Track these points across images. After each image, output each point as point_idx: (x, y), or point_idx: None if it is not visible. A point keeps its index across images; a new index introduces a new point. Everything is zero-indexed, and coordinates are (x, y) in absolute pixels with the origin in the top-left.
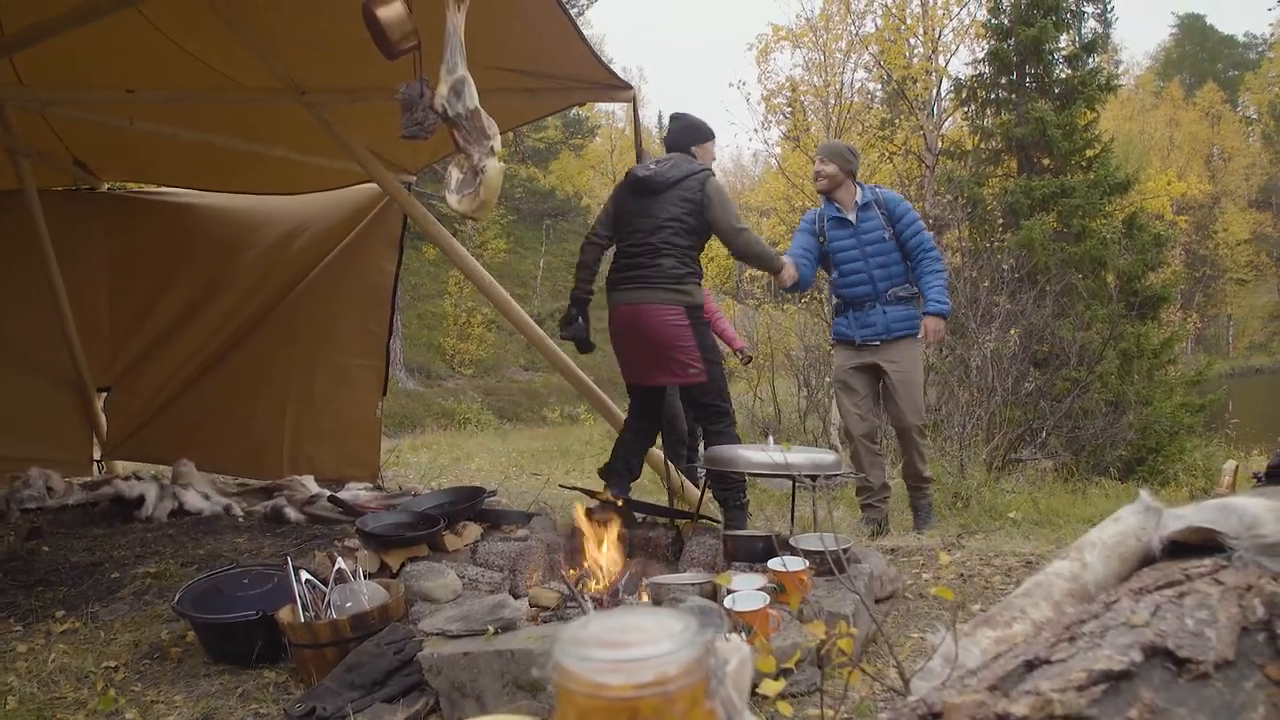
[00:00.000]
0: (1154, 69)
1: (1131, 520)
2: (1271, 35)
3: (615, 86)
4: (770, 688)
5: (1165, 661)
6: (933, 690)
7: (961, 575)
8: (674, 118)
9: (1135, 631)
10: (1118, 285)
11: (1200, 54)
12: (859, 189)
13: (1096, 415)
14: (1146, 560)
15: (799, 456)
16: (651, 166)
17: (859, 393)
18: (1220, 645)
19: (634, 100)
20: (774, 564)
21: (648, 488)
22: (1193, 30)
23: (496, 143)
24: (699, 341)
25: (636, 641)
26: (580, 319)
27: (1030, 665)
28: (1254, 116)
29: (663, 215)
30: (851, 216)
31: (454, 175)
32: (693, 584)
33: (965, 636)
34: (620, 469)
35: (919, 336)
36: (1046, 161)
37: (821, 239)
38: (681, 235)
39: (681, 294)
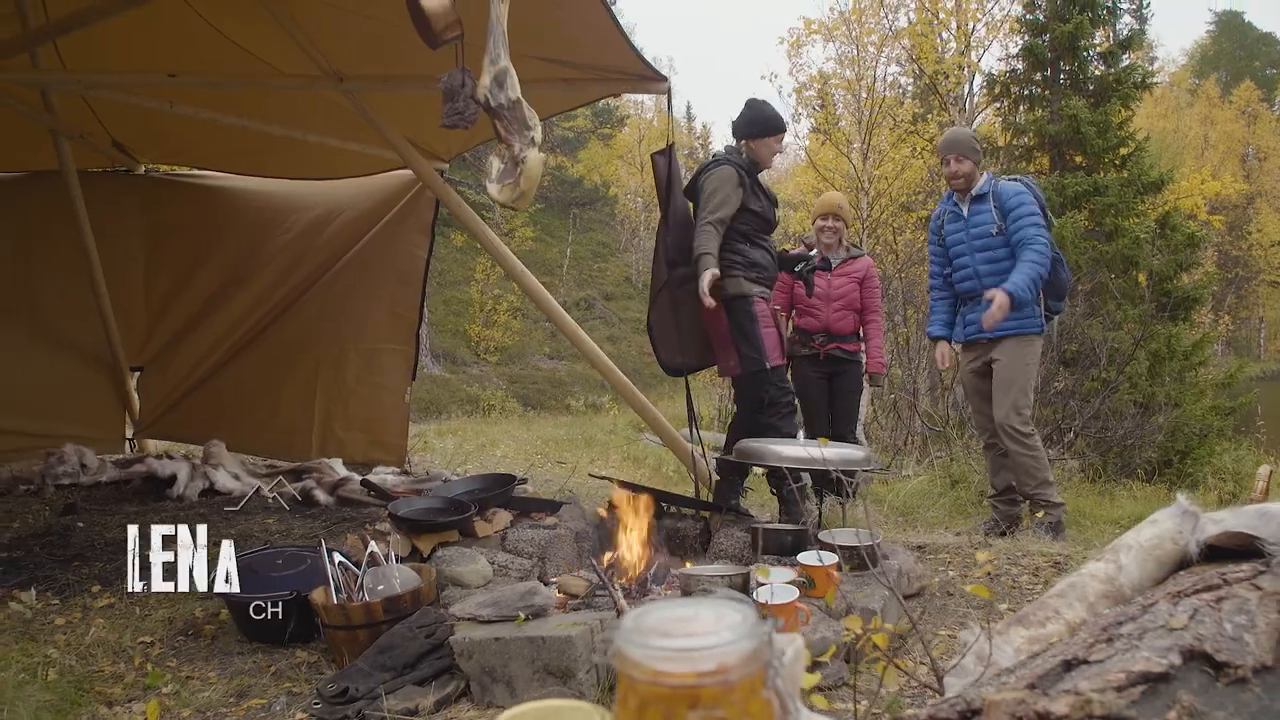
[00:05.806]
0: (1189, 66)
1: (1168, 523)
2: None
3: (650, 79)
4: (806, 680)
5: (1203, 665)
6: (970, 687)
7: (990, 574)
8: (746, 105)
9: (1174, 635)
10: (1149, 285)
11: (1237, 51)
12: (984, 178)
13: (1125, 416)
14: (1183, 564)
15: (830, 452)
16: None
17: (978, 394)
18: (1259, 650)
19: (669, 93)
20: (804, 558)
21: (671, 478)
22: (1230, 27)
23: (537, 133)
24: (736, 333)
25: (697, 631)
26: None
27: (1069, 665)
28: None
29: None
30: (965, 209)
31: (495, 165)
32: (722, 575)
33: (998, 635)
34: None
35: (988, 311)
36: (1079, 159)
37: (941, 237)
38: None
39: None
